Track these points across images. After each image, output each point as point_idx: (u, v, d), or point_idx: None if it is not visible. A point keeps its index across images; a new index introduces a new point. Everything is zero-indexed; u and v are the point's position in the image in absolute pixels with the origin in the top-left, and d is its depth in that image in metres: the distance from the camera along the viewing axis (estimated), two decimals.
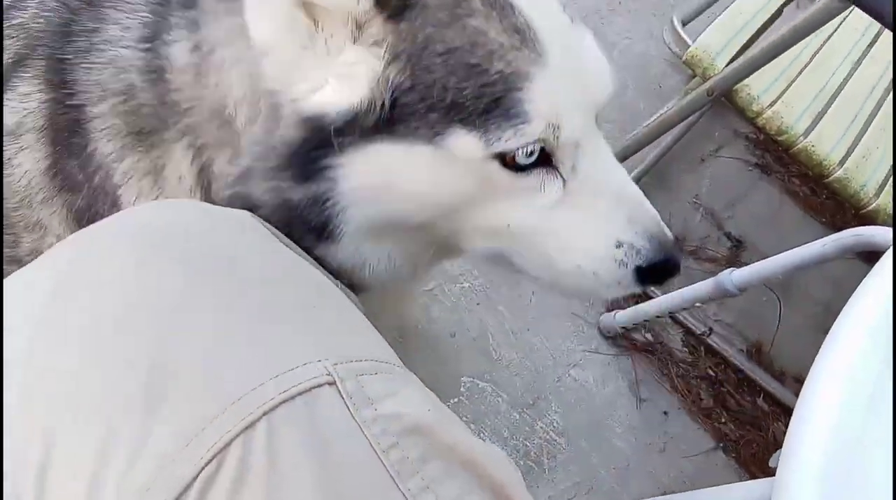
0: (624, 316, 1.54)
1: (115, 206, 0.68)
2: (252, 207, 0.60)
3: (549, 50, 0.56)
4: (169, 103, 0.64)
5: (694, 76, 1.87)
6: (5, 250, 0.79)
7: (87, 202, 0.69)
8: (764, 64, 1.32)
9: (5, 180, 0.72)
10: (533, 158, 0.58)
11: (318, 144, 0.57)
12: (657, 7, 2.25)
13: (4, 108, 0.71)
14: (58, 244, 0.51)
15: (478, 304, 1.60)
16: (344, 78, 0.55)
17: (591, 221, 0.63)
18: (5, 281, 0.48)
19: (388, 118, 0.55)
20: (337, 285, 0.58)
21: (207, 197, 0.65)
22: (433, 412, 0.45)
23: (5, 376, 0.41)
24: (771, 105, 1.44)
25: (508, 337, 1.56)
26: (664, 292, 1.49)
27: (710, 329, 1.66)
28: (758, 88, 1.44)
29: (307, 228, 0.61)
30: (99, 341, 0.42)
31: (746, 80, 1.39)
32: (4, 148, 0.71)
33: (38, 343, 0.42)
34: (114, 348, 0.42)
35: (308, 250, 0.62)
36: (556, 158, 0.60)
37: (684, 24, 1.53)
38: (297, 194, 0.59)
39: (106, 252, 0.47)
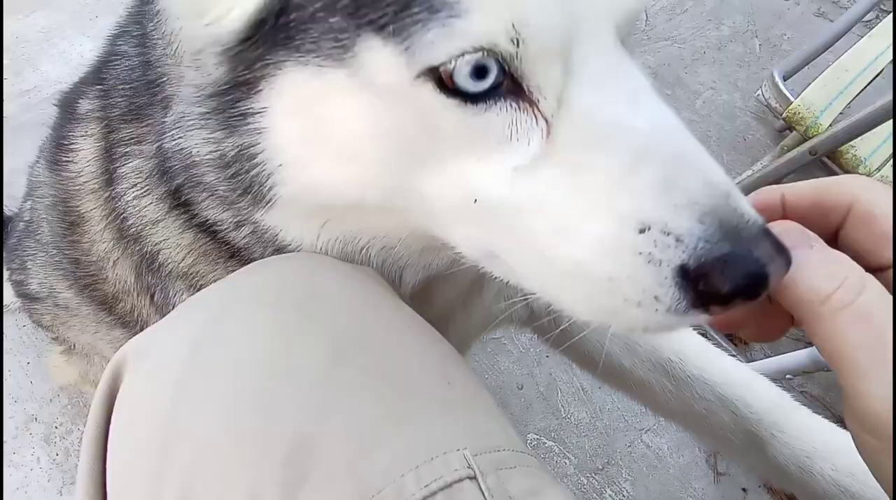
0: None
1: (112, 182, 0.66)
2: (193, 164, 0.54)
3: None
4: (151, 67, 0.59)
5: (784, 131, 1.80)
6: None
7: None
8: (873, 127, 1.24)
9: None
10: (487, 82, 0.39)
11: (235, 83, 0.48)
12: (743, 58, 2.18)
13: None
14: (195, 296, 0.51)
15: (547, 356, 1.53)
16: None
17: (591, 188, 0.40)
18: (150, 331, 0.48)
19: (286, 29, 0.43)
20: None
21: (162, 157, 0.58)
22: None
23: (147, 435, 0.42)
24: (879, 169, 1.35)
25: (579, 394, 1.49)
26: (749, 359, 1.40)
27: None
28: (864, 150, 1.36)
29: (243, 189, 0.52)
30: (239, 410, 0.41)
31: (853, 141, 1.31)
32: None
33: (180, 406, 0.42)
34: (254, 417, 0.40)
35: (244, 221, 0.55)
36: (529, 85, 0.40)
37: (784, 79, 1.47)
38: (227, 147, 0.51)
39: (244, 313, 0.46)
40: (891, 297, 0.36)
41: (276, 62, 0.45)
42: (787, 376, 1.37)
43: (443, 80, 0.39)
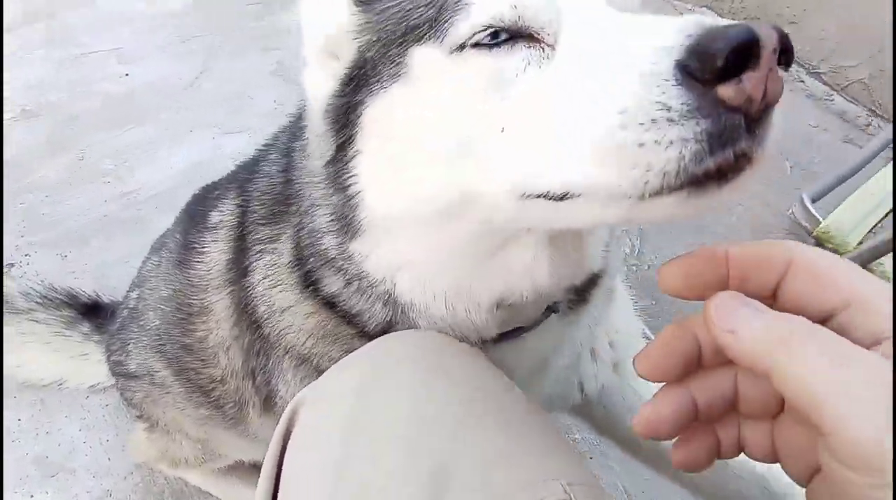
0: None
1: (245, 275, 0.80)
2: (318, 237, 0.69)
3: None
4: (291, 184, 0.75)
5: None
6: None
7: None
8: None
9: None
10: (500, 40, 0.51)
11: (337, 147, 0.62)
12: (774, 179, 2.31)
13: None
14: (352, 356, 0.64)
15: (590, 458, 1.57)
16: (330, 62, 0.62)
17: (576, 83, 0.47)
18: (321, 381, 0.63)
19: (362, 77, 0.59)
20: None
21: (297, 247, 0.73)
22: None
23: (325, 456, 0.56)
24: None
25: (622, 497, 1.51)
26: None
27: None
28: (891, 266, 1.44)
29: (343, 229, 0.65)
30: (394, 443, 0.54)
31: (880, 259, 1.40)
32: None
33: (350, 437, 0.56)
34: (406, 449, 0.54)
35: (351, 278, 0.68)
36: (532, 30, 0.51)
37: (813, 201, 1.59)
38: (336, 201, 0.65)
39: (398, 370, 0.61)
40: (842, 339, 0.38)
41: (359, 101, 0.59)
42: None
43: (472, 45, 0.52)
